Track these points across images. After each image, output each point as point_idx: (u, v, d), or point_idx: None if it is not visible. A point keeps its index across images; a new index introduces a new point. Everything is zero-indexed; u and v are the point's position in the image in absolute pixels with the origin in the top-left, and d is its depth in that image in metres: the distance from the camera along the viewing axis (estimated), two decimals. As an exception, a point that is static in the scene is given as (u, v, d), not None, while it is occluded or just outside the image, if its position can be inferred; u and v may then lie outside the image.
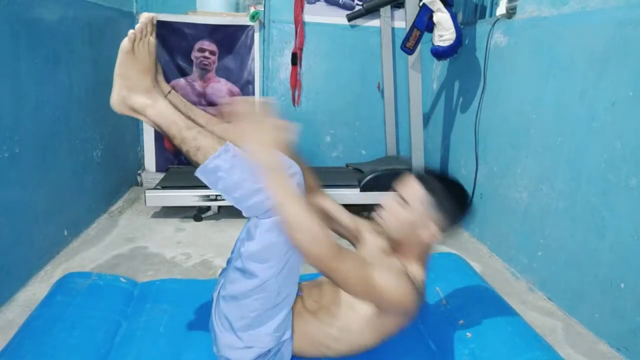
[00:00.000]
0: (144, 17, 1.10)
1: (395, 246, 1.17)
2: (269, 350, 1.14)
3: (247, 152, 1.05)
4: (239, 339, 1.13)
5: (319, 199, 1.31)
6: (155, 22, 1.13)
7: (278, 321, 1.13)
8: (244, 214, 1.09)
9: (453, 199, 1.11)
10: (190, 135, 1.08)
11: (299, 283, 1.18)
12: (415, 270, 1.14)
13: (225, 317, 1.15)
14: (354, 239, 1.36)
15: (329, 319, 1.17)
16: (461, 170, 2.75)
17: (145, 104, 1.11)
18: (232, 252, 1.31)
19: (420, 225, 1.11)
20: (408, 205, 1.11)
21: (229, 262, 1.31)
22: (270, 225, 1.05)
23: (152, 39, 1.13)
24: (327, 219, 1.31)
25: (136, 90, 1.11)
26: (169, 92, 1.21)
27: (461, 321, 1.40)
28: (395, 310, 1.11)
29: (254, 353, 1.13)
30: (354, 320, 1.14)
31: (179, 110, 1.14)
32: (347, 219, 1.35)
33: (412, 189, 1.12)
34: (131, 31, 1.08)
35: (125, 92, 1.12)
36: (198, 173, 1.08)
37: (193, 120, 1.14)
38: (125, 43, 1.08)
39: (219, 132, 1.18)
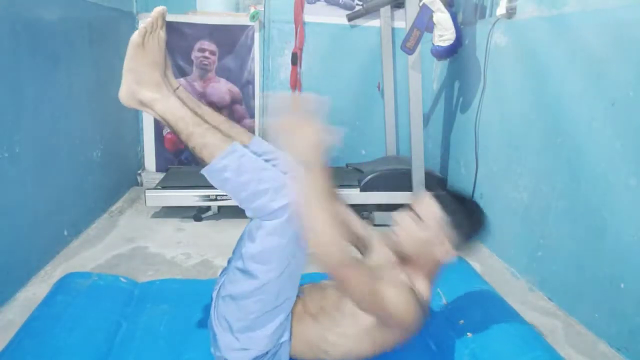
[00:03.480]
0: (155, 11, 1.10)
1: (405, 260, 1.16)
2: (267, 353, 1.14)
3: (291, 146, 1.01)
4: (236, 339, 1.13)
5: (335, 206, 1.31)
6: (166, 16, 1.13)
7: (276, 324, 1.13)
8: (247, 214, 1.09)
9: (468, 218, 1.11)
10: (197, 132, 1.08)
11: (301, 284, 1.18)
12: (423, 286, 1.13)
13: (224, 318, 1.15)
14: (362, 248, 1.35)
15: (329, 324, 1.16)
16: (461, 170, 2.75)
17: (154, 98, 1.11)
18: (233, 252, 1.31)
19: (434, 243, 1.10)
20: (423, 222, 1.10)
21: (229, 261, 1.31)
22: (273, 227, 1.05)
23: (162, 34, 1.13)
24: (339, 225, 1.31)
25: (145, 84, 1.10)
26: (177, 88, 1.20)
27: (461, 321, 1.41)
28: (396, 325, 1.10)
29: (251, 355, 1.13)
30: (355, 328, 1.13)
31: (187, 106, 1.14)
32: (359, 227, 1.35)
33: (428, 206, 1.11)
34: (142, 25, 1.08)
35: (134, 86, 1.11)
36: (204, 172, 1.08)
37: (200, 117, 1.14)
38: (135, 36, 1.08)
39: (227, 131, 1.17)
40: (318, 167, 1.01)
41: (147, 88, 1.10)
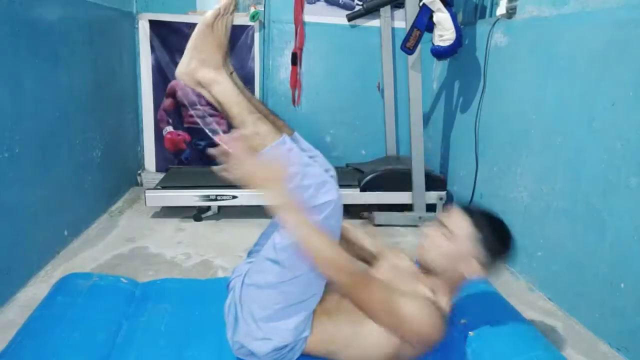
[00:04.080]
0: None
1: (430, 273, 1.16)
2: (286, 345, 1.13)
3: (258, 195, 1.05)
4: (259, 328, 1.12)
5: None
6: (237, 1, 1.14)
7: (300, 318, 1.12)
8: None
9: (498, 238, 1.11)
10: (250, 119, 1.08)
11: None
12: (443, 301, 1.13)
13: (248, 306, 1.14)
14: (370, 263, 1.36)
15: (344, 327, 1.15)
16: (461, 170, 2.76)
17: (213, 80, 1.12)
18: (256, 244, 1.30)
19: (463, 259, 1.09)
20: (453, 236, 1.10)
21: (250, 253, 1.32)
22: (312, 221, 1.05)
23: (232, 18, 1.13)
24: (348, 243, 1.32)
25: (207, 64, 1.11)
26: (232, 73, 1.20)
27: (463, 321, 1.40)
28: (416, 340, 1.09)
29: (272, 346, 1.12)
30: (370, 335, 1.12)
31: (242, 93, 1.14)
32: (369, 243, 1.36)
33: (460, 221, 1.11)
34: (217, 6, 1.08)
35: (196, 64, 1.11)
36: None
37: (253, 105, 1.14)
38: (208, 16, 1.08)
39: (273, 123, 1.17)
40: (289, 199, 1.03)
41: (207, 68, 1.11)
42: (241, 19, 3.03)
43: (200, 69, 1.11)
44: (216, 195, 2.57)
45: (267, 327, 1.12)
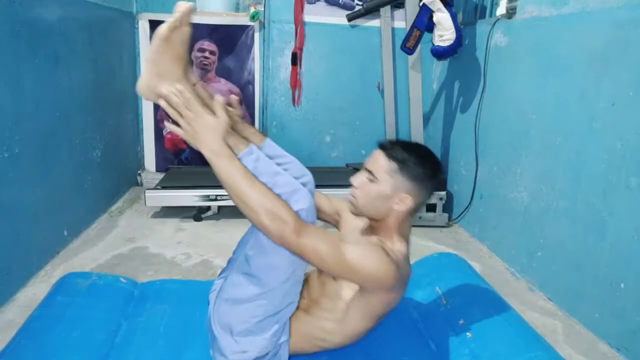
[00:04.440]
0: (183, 6, 1.08)
1: (374, 225, 1.16)
2: (267, 354, 1.14)
3: (195, 147, 1.05)
4: (235, 342, 1.13)
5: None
6: (192, 12, 1.13)
7: (276, 327, 1.14)
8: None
9: (422, 166, 1.10)
10: None
11: None
12: (397, 244, 1.13)
13: (225, 321, 1.15)
14: (336, 223, 1.35)
15: (320, 313, 1.17)
16: (461, 170, 2.75)
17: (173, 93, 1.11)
18: (234, 253, 1.30)
19: (391, 196, 1.09)
20: (376, 178, 1.10)
21: (230, 262, 1.31)
22: None
23: (188, 30, 1.11)
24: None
25: (166, 78, 1.09)
26: (195, 84, 1.20)
27: (461, 321, 1.40)
28: (375, 285, 1.08)
29: (250, 356, 1.13)
30: (342, 307, 1.14)
31: (205, 104, 1.13)
32: (325, 202, 1.35)
33: (377, 159, 1.11)
34: (172, 19, 1.07)
35: (155, 79, 1.10)
36: None
37: None
38: (163, 29, 1.07)
39: (241, 131, 1.17)
40: (221, 146, 1.02)
41: (167, 82, 1.09)
42: (241, 19, 3.03)
43: (160, 83, 1.09)
44: (216, 195, 2.57)
45: (245, 340, 1.13)
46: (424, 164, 1.11)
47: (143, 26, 2.96)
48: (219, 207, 2.70)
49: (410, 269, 1.18)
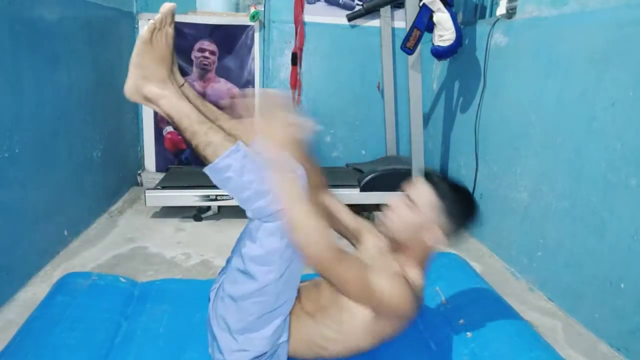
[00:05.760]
0: (165, 7, 1.09)
1: (397, 247, 1.17)
2: (265, 353, 1.14)
3: (256, 148, 1.05)
4: (234, 340, 1.13)
5: (323, 198, 1.31)
6: (174, 13, 1.13)
7: (275, 325, 1.13)
8: (248, 215, 1.09)
9: (460, 205, 1.11)
10: (201, 130, 1.07)
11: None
12: (415, 274, 1.14)
13: (222, 318, 1.15)
14: (354, 239, 1.35)
15: (326, 320, 1.16)
16: (461, 170, 2.75)
17: (159, 95, 1.11)
18: (232, 252, 1.30)
19: (426, 228, 1.10)
20: (416, 207, 1.10)
21: (228, 261, 1.31)
22: (273, 229, 1.05)
23: (171, 30, 1.12)
24: (329, 218, 1.31)
25: (151, 80, 1.10)
26: (183, 85, 1.20)
27: (461, 321, 1.40)
28: (392, 314, 1.10)
29: (250, 356, 1.13)
30: (351, 322, 1.13)
31: (192, 104, 1.14)
32: (349, 218, 1.35)
33: (422, 191, 1.11)
34: (151, 21, 1.08)
35: (140, 81, 1.10)
36: (207, 170, 1.08)
37: (204, 115, 1.13)
38: (144, 32, 1.08)
39: (230, 129, 1.17)
40: (285, 163, 1.03)
41: (153, 84, 1.10)
42: (241, 19, 3.03)
43: (145, 86, 1.10)
44: (216, 195, 2.57)
45: (243, 338, 1.13)
46: (466, 209, 1.13)
47: (143, 26, 2.95)
48: (219, 207, 2.70)
49: (423, 299, 1.18)
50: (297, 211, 1.00)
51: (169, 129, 3.16)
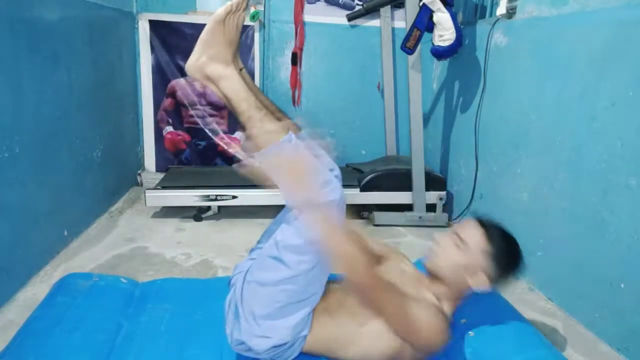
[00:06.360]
0: None
1: (436, 280, 1.16)
2: (285, 343, 1.13)
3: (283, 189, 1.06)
4: (258, 326, 1.12)
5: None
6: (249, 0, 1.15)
7: (299, 317, 1.12)
8: (287, 204, 1.10)
9: (509, 255, 1.11)
10: (257, 116, 1.09)
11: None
12: (447, 308, 1.14)
13: (248, 303, 1.14)
14: (377, 263, 1.36)
15: (348, 321, 1.15)
16: (461, 170, 2.76)
17: (222, 75, 1.12)
18: (259, 242, 1.30)
19: (471, 271, 1.10)
20: (465, 247, 1.10)
21: (252, 250, 1.32)
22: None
23: (244, 15, 1.15)
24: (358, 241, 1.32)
25: (216, 60, 1.12)
26: (242, 69, 1.21)
27: (463, 320, 1.40)
28: (424, 346, 1.09)
29: (270, 343, 1.12)
30: (376, 329, 1.12)
31: (250, 90, 1.15)
32: (374, 245, 1.37)
33: (473, 232, 1.11)
34: (229, 3, 1.10)
35: (205, 59, 1.13)
36: (259, 155, 1.09)
37: (261, 102, 1.15)
38: (220, 12, 1.10)
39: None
40: (317, 198, 1.04)
41: (217, 63, 1.12)
42: (241, 19, 3.03)
43: (210, 64, 1.12)
44: (216, 195, 2.57)
45: (266, 324, 1.12)
46: (514, 259, 1.13)
47: (143, 26, 2.95)
48: (219, 207, 2.69)
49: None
50: (334, 241, 1.01)
51: (169, 129, 3.16)
